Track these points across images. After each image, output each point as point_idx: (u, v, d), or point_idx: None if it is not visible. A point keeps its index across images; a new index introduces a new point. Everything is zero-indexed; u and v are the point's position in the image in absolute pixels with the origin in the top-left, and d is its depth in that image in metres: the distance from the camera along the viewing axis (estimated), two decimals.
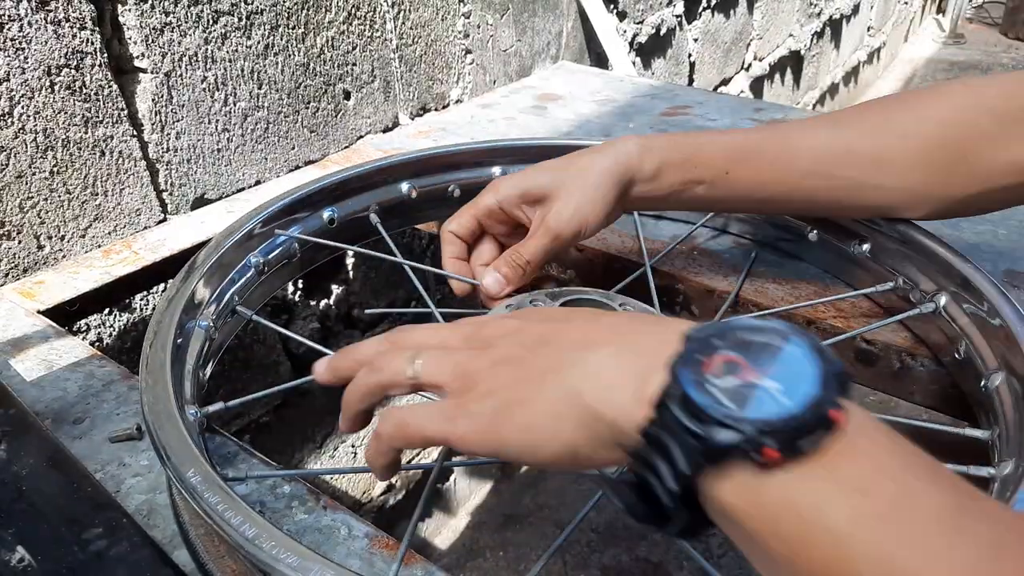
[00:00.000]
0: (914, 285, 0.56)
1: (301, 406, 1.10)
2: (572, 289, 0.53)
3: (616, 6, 1.50)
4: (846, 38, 3.08)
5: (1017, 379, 0.45)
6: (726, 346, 0.26)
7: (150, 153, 0.77)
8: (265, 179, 0.90)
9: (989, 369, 0.48)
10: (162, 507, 0.44)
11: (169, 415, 0.40)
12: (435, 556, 1.52)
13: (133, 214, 0.77)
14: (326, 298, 1.07)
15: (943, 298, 0.53)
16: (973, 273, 0.51)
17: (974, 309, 0.51)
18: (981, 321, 0.50)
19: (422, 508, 0.43)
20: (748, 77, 2.23)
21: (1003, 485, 0.40)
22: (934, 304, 0.54)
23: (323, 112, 0.95)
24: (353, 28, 0.95)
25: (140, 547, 0.38)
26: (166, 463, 0.38)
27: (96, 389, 0.54)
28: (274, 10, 0.84)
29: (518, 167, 0.73)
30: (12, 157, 0.66)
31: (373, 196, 0.67)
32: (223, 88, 0.82)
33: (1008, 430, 0.44)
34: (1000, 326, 0.47)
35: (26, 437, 0.44)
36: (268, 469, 0.46)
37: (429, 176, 0.71)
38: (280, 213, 0.61)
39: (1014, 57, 4.67)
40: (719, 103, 1.09)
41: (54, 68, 0.67)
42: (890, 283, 0.58)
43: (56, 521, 0.39)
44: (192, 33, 0.77)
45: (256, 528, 0.34)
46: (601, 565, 1.49)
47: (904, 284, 0.57)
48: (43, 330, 0.60)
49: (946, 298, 0.53)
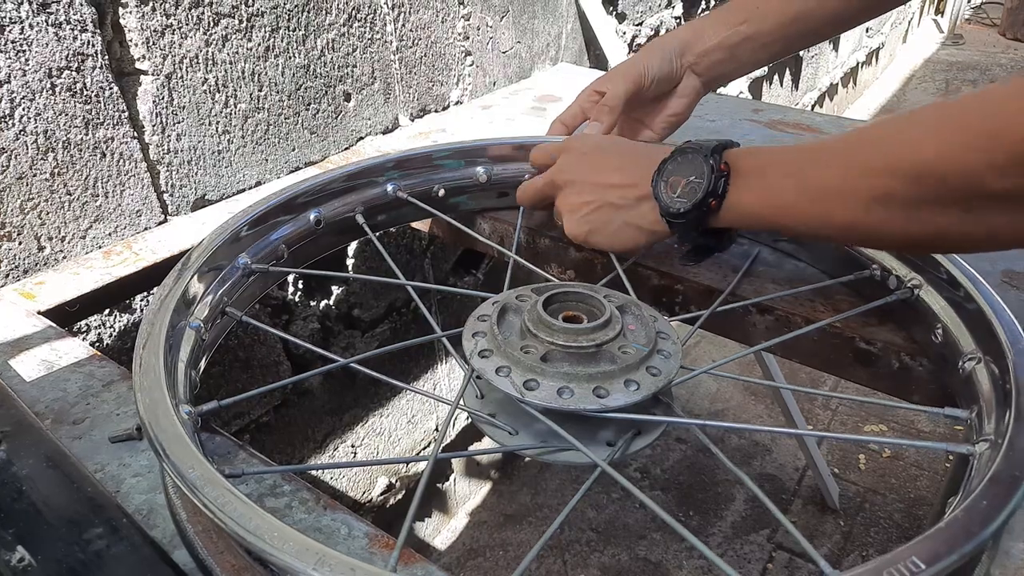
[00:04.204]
0: (890, 272, 0.58)
1: (301, 406, 1.10)
2: (559, 284, 0.54)
3: (615, 8, 1.51)
4: (844, 39, 3.08)
5: (993, 360, 0.47)
6: (669, 174, 0.56)
7: (151, 155, 0.77)
8: (265, 180, 0.90)
9: (965, 352, 0.50)
10: (162, 507, 0.44)
11: (165, 413, 0.40)
12: (434, 556, 1.52)
13: (134, 215, 0.77)
14: (326, 298, 1.08)
15: (919, 285, 0.56)
16: (945, 260, 0.54)
17: (950, 294, 0.53)
18: (957, 305, 0.52)
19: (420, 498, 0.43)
20: (747, 78, 2.23)
21: (982, 463, 0.41)
22: (910, 291, 0.56)
23: (323, 114, 0.95)
24: (353, 30, 0.95)
25: (140, 547, 0.38)
26: (163, 460, 0.38)
27: (96, 389, 0.54)
28: (274, 12, 0.85)
29: (502, 167, 0.74)
30: (13, 159, 0.66)
31: (358, 197, 0.69)
32: (224, 90, 0.82)
33: (985, 410, 0.45)
34: (975, 310, 0.49)
35: (26, 437, 0.44)
36: (266, 466, 0.46)
37: (413, 176, 0.71)
38: (267, 215, 0.61)
39: (1012, 58, 4.67)
40: (718, 103, 1.09)
41: (55, 70, 0.67)
42: (866, 271, 0.60)
43: (56, 521, 0.39)
44: (193, 35, 0.77)
45: (256, 520, 0.34)
46: (600, 564, 1.49)
47: (882, 273, 0.59)
48: (43, 331, 0.60)
49: (922, 284, 0.55)
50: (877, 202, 0.44)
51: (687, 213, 0.54)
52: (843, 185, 0.46)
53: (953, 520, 0.35)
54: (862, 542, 1.53)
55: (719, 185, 0.52)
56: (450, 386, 1.41)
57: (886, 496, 1.63)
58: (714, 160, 0.52)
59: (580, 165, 0.64)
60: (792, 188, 0.50)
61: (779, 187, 0.51)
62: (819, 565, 0.36)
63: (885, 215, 0.44)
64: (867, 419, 1.83)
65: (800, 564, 1.49)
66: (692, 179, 0.54)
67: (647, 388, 0.46)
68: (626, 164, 0.61)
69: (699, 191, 0.53)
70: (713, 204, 0.53)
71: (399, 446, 1.35)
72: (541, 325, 0.48)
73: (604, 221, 0.61)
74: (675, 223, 0.56)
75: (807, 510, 1.61)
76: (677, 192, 0.55)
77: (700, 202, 0.53)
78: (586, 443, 0.45)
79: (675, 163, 0.56)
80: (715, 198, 0.52)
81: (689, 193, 0.54)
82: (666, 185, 0.56)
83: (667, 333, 0.50)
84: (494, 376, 0.46)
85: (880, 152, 0.44)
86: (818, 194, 0.48)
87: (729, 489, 1.65)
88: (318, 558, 0.32)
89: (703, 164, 0.53)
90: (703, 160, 0.53)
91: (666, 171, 0.56)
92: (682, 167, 0.55)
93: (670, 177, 0.55)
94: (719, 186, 0.52)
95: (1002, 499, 0.36)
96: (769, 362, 1.44)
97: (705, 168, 0.53)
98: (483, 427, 0.50)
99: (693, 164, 0.54)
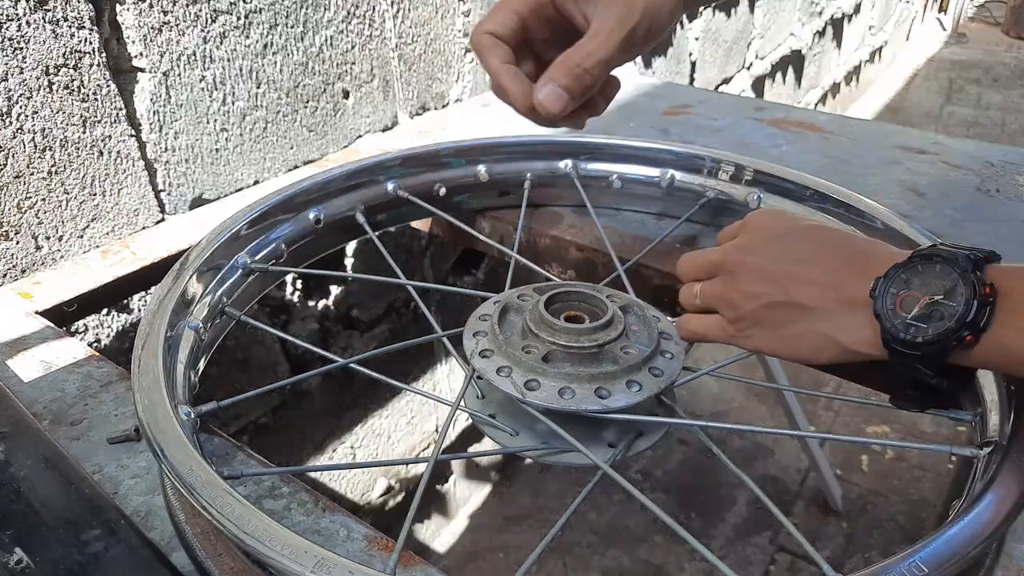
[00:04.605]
0: None
1: (300, 407, 1.09)
2: (561, 283, 0.53)
3: None
4: (848, 37, 3.08)
5: None
6: (903, 285, 0.42)
7: (148, 153, 0.77)
8: (264, 179, 0.90)
9: None
10: (160, 508, 0.44)
11: (164, 414, 0.40)
12: (434, 559, 1.52)
13: (131, 214, 0.77)
14: (324, 299, 1.07)
15: None
16: None
17: None
18: None
19: (419, 500, 0.43)
20: (749, 76, 2.22)
21: (986, 465, 0.41)
22: None
23: (322, 111, 0.94)
24: (352, 27, 0.94)
25: (138, 549, 0.38)
26: (162, 461, 0.38)
27: (94, 390, 0.54)
28: (273, 9, 0.84)
29: (503, 164, 0.74)
30: (10, 157, 0.66)
31: (359, 196, 0.68)
32: (221, 87, 0.82)
33: (990, 412, 0.45)
34: None
35: (24, 438, 0.44)
36: (264, 468, 0.46)
37: (414, 175, 0.71)
38: (267, 214, 0.61)
39: (1016, 56, 4.66)
40: (720, 102, 1.09)
41: (52, 68, 0.67)
42: None
43: (54, 523, 0.39)
44: (190, 32, 0.77)
45: (255, 522, 0.34)
46: (602, 567, 1.49)
47: None
48: (41, 331, 0.60)
49: None
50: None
51: (926, 345, 0.40)
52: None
53: (957, 523, 0.35)
54: (864, 544, 1.53)
55: (981, 314, 0.39)
56: (450, 387, 1.41)
57: (889, 498, 1.63)
58: (976, 279, 0.39)
59: (766, 247, 0.48)
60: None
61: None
62: (821, 568, 0.35)
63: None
64: (870, 420, 1.83)
65: (802, 567, 1.48)
66: (939, 300, 0.40)
67: (649, 389, 0.45)
68: (828, 256, 0.46)
69: (949, 318, 0.39)
70: (968, 339, 0.39)
71: (398, 447, 1.35)
72: (543, 325, 0.48)
73: (780, 321, 0.47)
74: (902, 352, 0.41)
75: (809, 512, 1.60)
76: (912, 313, 0.41)
77: (951, 333, 0.39)
78: (587, 444, 0.45)
79: (912, 272, 0.42)
80: (972, 332, 0.39)
81: (932, 318, 0.40)
82: (895, 299, 0.42)
83: (669, 334, 0.50)
84: (495, 376, 0.46)
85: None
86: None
87: (731, 491, 1.64)
88: (317, 560, 0.32)
89: (959, 282, 0.40)
90: (959, 276, 0.40)
91: (898, 281, 0.42)
92: (924, 280, 0.41)
93: (901, 290, 0.42)
94: (981, 315, 0.39)
95: (1006, 502, 0.36)
96: (772, 363, 1.44)
97: (962, 288, 0.39)
98: (483, 428, 0.50)
99: (941, 278, 0.41)
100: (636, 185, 0.75)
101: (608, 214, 0.76)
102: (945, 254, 0.41)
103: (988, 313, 0.39)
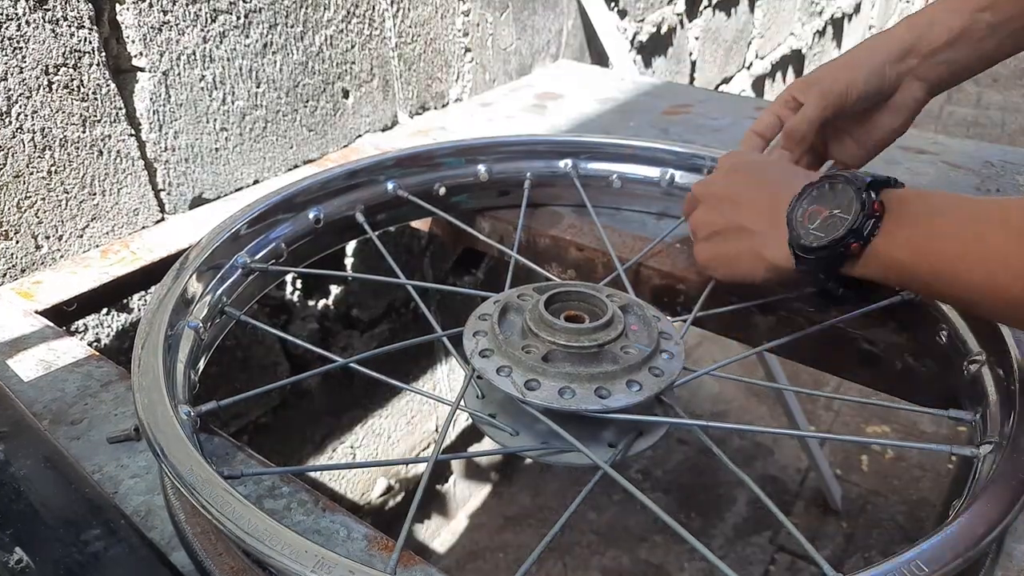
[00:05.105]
0: None
1: (300, 407, 1.09)
2: (561, 283, 0.53)
3: (617, 4, 1.50)
4: (848, 36, 3.08)
5: (998, 362, 0.46)
6: (812, 202, 0.48)
7: (148, 152, 0.77)
8: (263, 178, 0.90)
9: (971, 353, 0.49)
10: (160, 508, 0.44)
11: (164, 414, 0.40)
12: (434, 558, 1.52)
13: (131, 214, 0.77)
14: (324, 298, 1.07)
15: None
16: None
17: None
18: None
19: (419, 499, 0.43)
20: (750, 76, 2.22)
21: (987, 464, 0.41)
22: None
23: (322, 111, 0.94)
24: (352, 26, 0.94)
25: (138, 548, 0.38)
26: (162, 460, 0.38)
27: (94, 390, 0.54)
28: (272, 8, 0.84)
29: (503, 164, 0.74)
30: (10, 157, 0.66)
31: (358, 195, 0.68)
32: (221, 87, 0.82)
33: (990, 412, 0.45)
34: None
35: (24, 438, 0.44)
36: (264, 468, 0.46)
37: (414, 174, 0.71)
38: (266, 213, 0.61)
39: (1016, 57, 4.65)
40: (720, 102, 1.09)
41: (52, 67, 0.67)
42: None
43: (54, 522, 0.39)
44: (190, 32, 0.77)
45: (255, 521, 0.33)
46: (602, 567, 1.49)
47: None
48: (41, 330, 0.60)
49: None
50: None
51: (819, 249, 0.47)
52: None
53: (957, 523, 0.35)
54: (864, 544, 1.53)
55: (867, 226, 0.45)
56: (450, 387, 1.41)
57: (888, 498, 1.63)
58: (867, 196, 0.45)
59: (723, 182, 0.58)
60: (957, 248, 0.42)
61: (940, 246, 0.43)
62: (821, 567, 0.35)
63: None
64: (869, 420, 1.83)
65: (802, 566, 1.48)
66: (836, 212, 0.46)
67: (649, 389, 0.45)
68: (769, 186, 0.54)
69: (840, 227, 0.45)
70: (854, 247, 0.45)
71: (398, 447, 1.35)
72: (543, 324, 0.48)
73: (728, 243, 0.55)
74: (802, 259, 0.48)
75: (809, 512, 1.60)
76: (815, 224, 0.47)
77: (838, 240, 0.45)
78: (587, 444, 0.45)
79: (820, 191, 0.48)
80: (858, 240, 0.45)
81: (828, 228, 0.46)
82: (803, 213, 0.48)
83: (669, 333, 0.50)
84: (495, 376, 0.46)
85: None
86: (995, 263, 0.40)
87: (731, 491, 1.64)
88: (317, 560, 0.32)
89: (853, 198, 0.45)
90: (854, 194, 0.46)
91: (808, 197, 0.49)
92: (826, 197, 0.48)
93: (810, 206, 0.48)
94: (866, 227, 0.45)
95: (1006, 502, 0.36)
96: (771, 363, 1.44)
97: (855, 203, 0.45)
98: (484, 428, 0.50)
99: (841, 196, 0.46)
100: (636, 185, 0.75)
101: (608, 214, 0.76)
102: (849, 176, 0.47)
103: (872, 226, 0.45)
